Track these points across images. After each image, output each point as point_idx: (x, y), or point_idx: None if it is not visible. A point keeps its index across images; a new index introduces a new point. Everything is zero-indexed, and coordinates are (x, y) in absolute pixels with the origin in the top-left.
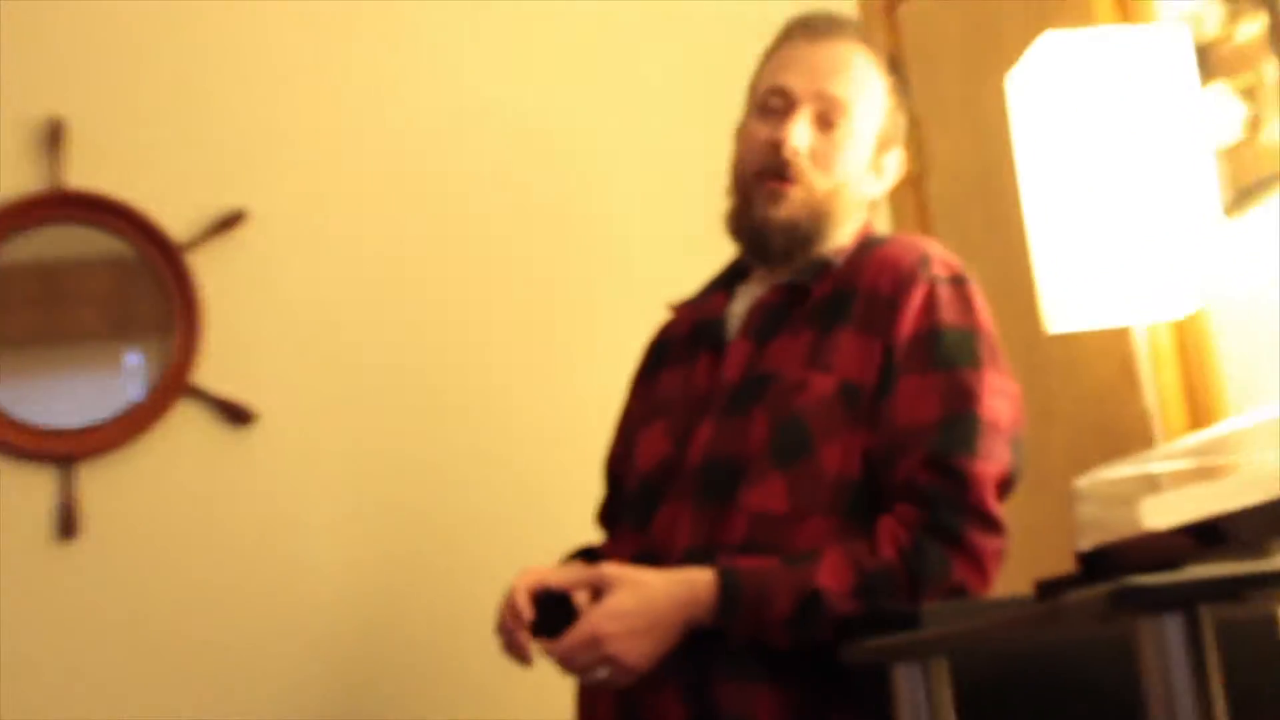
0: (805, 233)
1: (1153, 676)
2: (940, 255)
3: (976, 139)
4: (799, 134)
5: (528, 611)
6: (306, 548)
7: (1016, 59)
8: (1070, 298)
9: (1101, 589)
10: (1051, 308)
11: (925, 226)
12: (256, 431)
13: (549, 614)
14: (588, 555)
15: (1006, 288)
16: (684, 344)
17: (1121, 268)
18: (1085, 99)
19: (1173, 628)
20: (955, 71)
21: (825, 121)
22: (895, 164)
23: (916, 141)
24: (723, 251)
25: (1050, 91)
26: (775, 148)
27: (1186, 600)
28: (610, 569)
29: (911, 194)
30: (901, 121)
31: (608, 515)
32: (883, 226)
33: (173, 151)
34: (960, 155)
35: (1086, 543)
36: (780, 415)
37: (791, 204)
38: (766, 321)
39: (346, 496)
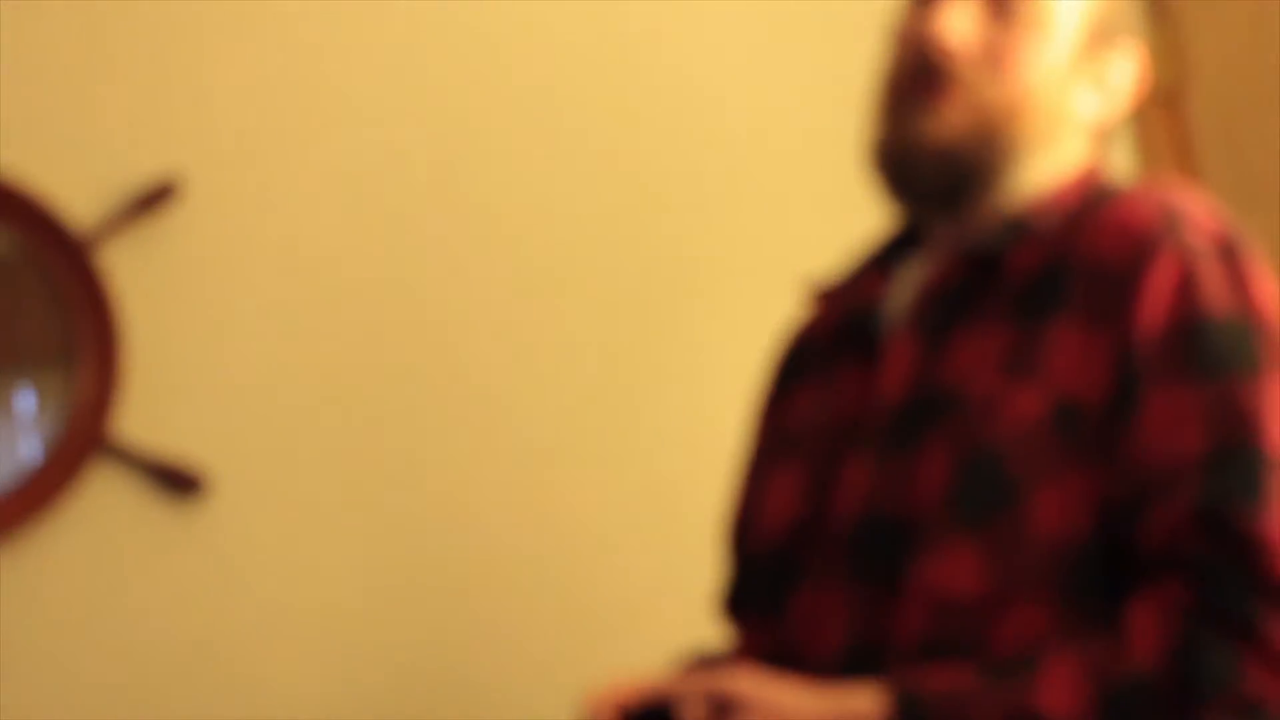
0: (973, 163)
1: None
2: (1198, 214)
3: (1261, 34)
4: (956, 22)
5: None
6: (276, 658)
7: None
8: None
9: None
10: None
11: (1186, 165)
12: (205, 503)
13: None
14: (702, 665)
15: None
16: (826, 349)
17: None
18: None
19: None
20: None
21: (1001, 3)
22: (1127, 70)
23: (1172, 42)
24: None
25: None
26: (926, 44)
27: None
28: (738, 679)
29: (1165, 117)
30: (1127, 9)
31: (732, 597)
32: (1121, 168)
33: (73, 111)
34: (1238, 59)
35: None
36: (967, 450)
37: (949, 120)
38: (942, 310)
39: (331, 587)
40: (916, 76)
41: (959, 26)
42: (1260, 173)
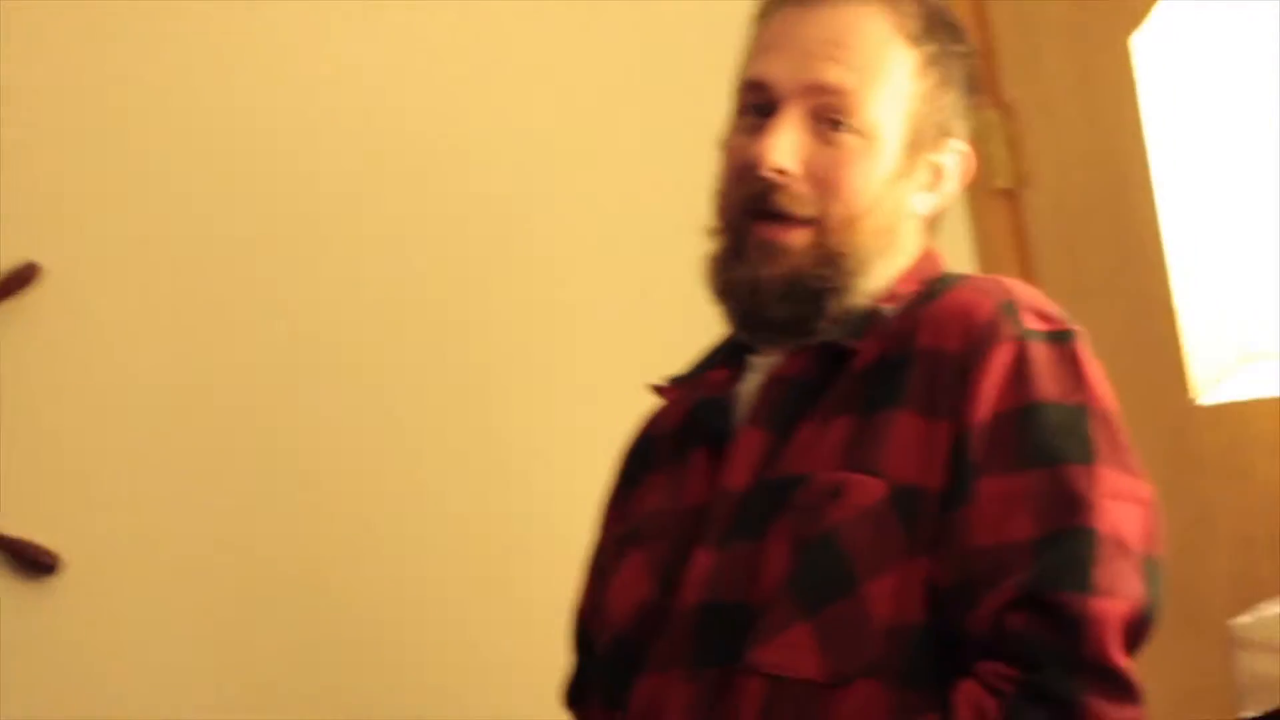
0: (815, 287)
1: None
2: (1032, 300)
3: (1096, 131)
4: (782, 146)
5: None
6: None
7: (1145, 16)
8: (1230, 355)
9: None
10: (1205, 371)
11: (1024, 257)
12: (60, 584)
13: None
14: None
15: (1138, 344)
16: (674, 440)
17: None
18: (1255, 65)
19: None
20: (1063, 41)
21: (824, 121)
22: (954, 164)
23: (1012, 138)
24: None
25: (1200, 59)
26: (757, 170)
27: None
28: None
29: (1006, 211)
30: (952, 103)
31: (580, 691)
32: (961, 261)
33: None
34: (1073, 154)
35: (1251, 705)
36: (807, 537)
37: (790, 255)
38: (788, 402)
39: (183, 675)
40: (753, 201)
41: (784, 149)
42: (1094, 268)
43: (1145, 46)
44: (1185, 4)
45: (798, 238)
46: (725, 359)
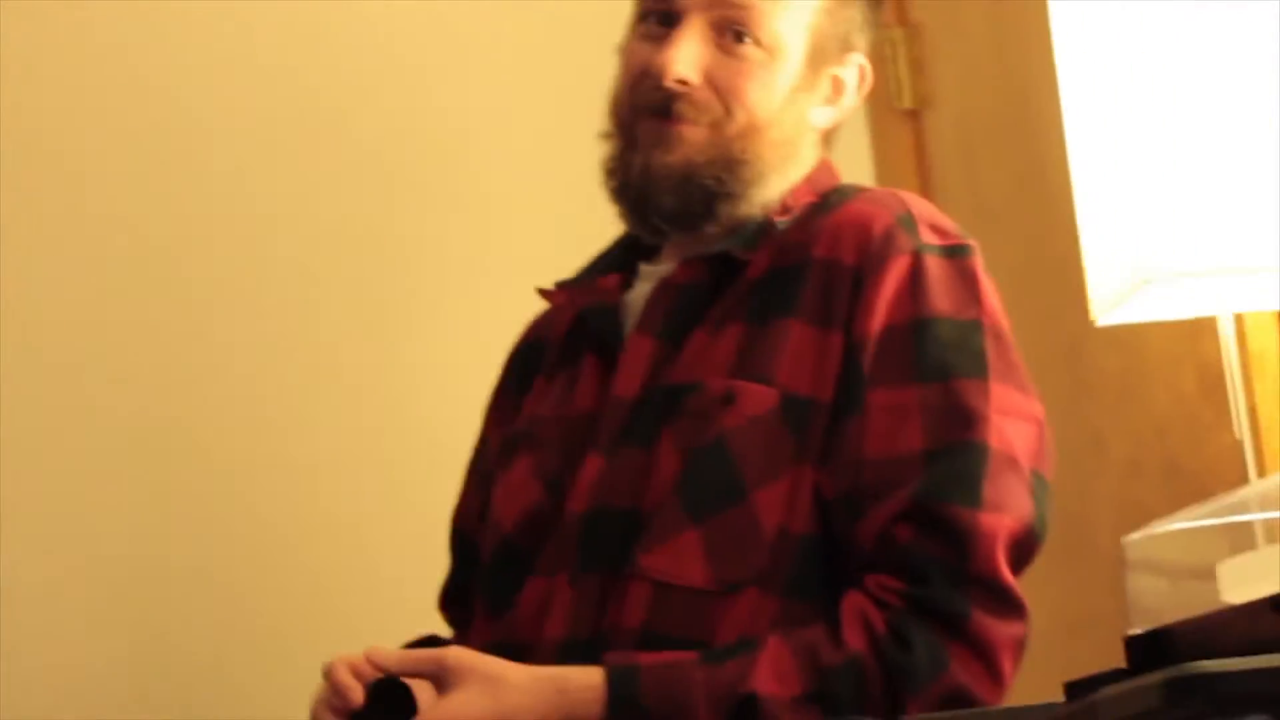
0: (709, 187)
1: None
2: (929, 214)
3: (1001, 54)
4: (684, 58)
5: (356, 693)
6: None
7: None
8: (1129, 278)
9: (1152, 678)
10: (1101, 292)
11: (924, 177)
12: None
13: (382, 705)
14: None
15: (1037, 266)
16: (563, 345)
17: (1205, 235)
18: None
19: None
20: None
21: (726, 33)
22: (854, 79)
23: (915, 58)
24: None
25: None
26: (654, 78)
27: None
28: (455, 655)
29: (907, 131)
30: (855, 18)
31: (456, 595)
32: (863, 176)
33: None
34: (978, 77)
35: (1140, 624)
36: (696, 444)
37: (686, 149)
38: (679, 310)
39: None
40: (651, 108)
41: (687, 60)
42: (995, 189)
43: None
44: None
45: (694, 133)
46: (616, 265)
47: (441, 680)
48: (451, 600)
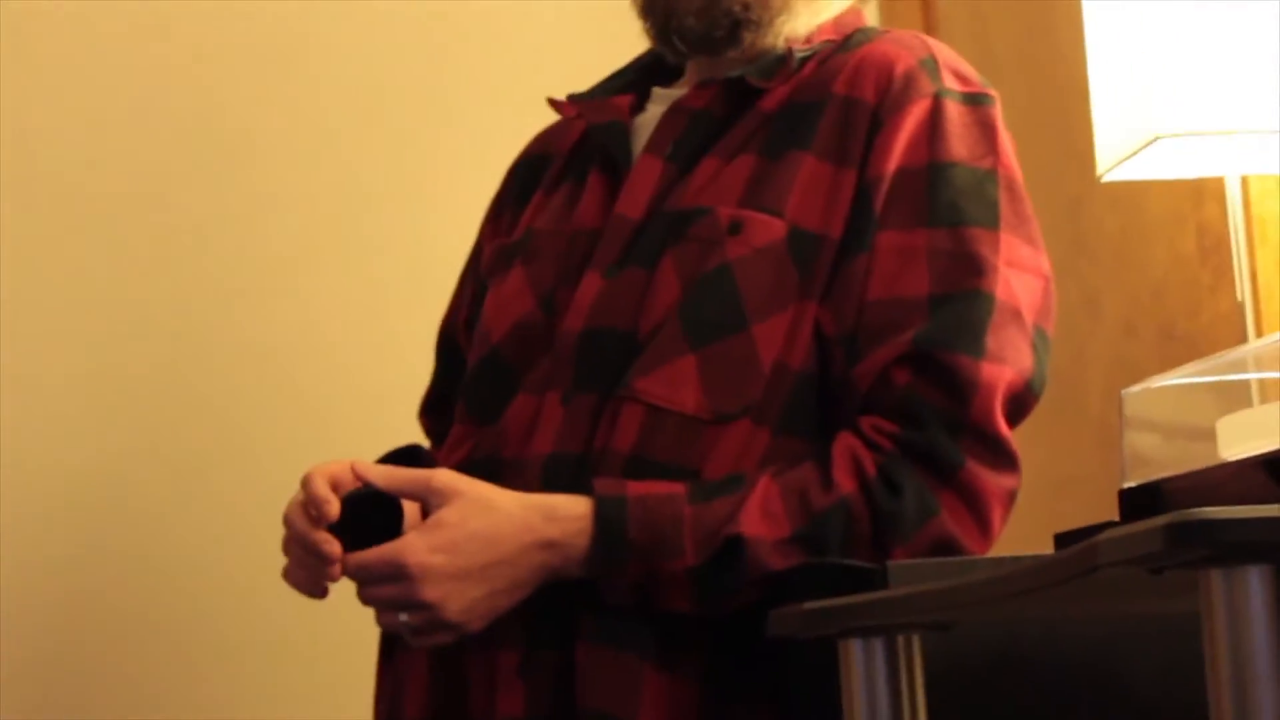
0: (735, 12)
1: (1222, 656)
2: (953, 61)
3: None
4: None
5: (332, 506)
6: None
7: None
8: (1138, 134)
9: (1154, 522)
10: (1108, 148)
11: (930, 28)
12: None
13: (362, 519)
14: (410, 459)
15: (1042, 122)
16: (568, 160)
17: (1217, 95)
18: None
19: (1258, 585)
20: None
21: None
22: None
23: None
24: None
25: None
26: None
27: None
28: (443, 478)
29: None
30: None
31: (437, 403)
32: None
33: None
34: None
35: (1134, 477)
36: (699, 270)
37: None
38: (691, 134)
39: None
40: None
41: None
42: (1001, 40)
43: None
44: None
45: None
46: (632, 86)
47: (428, 502)
48: (432, 408)
